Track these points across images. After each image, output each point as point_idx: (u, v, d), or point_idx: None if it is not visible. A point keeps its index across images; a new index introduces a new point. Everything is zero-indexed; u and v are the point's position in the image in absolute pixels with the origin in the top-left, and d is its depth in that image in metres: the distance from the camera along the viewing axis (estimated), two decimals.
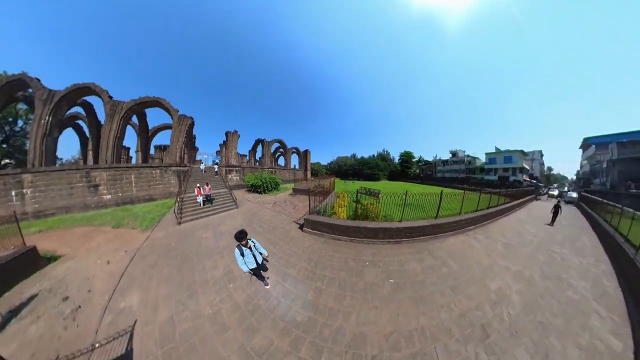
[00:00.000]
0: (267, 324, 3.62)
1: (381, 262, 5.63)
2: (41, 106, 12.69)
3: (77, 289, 5.20)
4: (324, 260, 5.76)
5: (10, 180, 11.16)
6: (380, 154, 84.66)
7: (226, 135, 24.72)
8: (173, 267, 5.95)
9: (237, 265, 5.55)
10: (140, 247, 7.57)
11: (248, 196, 17.36)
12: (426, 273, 5.12)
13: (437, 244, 6.77)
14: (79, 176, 12.68)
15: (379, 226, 6.81)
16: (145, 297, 4.78)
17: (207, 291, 4.75)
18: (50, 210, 11.64)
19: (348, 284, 4.71)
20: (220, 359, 3.08)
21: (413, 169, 67.42)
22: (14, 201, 11.18)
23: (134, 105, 15.01)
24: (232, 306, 4.14)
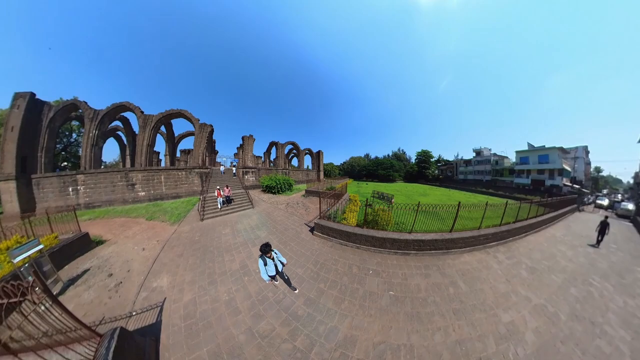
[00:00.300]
0: (272, 313, 4.04)
1: (384, 273, 5.36)
2: (89, 122, 15.62)
3: (119, 268, 6.10)
4: (329, 264, 5.79)
5: (68, 180, 14.11)
6: (396, 153, 79.13)
7: (242, 139, 26.27)
8: (197, 258, 6.63)
9: (252, 262, 6.12)
10: (169, 238, 8.48)
11: (263, 196, 17.82)
12: (430, 291, 4.71)
13: (449, 261, 6.03)
14: (119, 176, 15.08)
15: (386, 236, 6.41)
16: (173, 281, 5.46)
17: (225, 281, 5.31)
18: (97, 203, 14.29)
19: (349, 289, 4.72)
20: (230, 336, 3.61)
21: (431, 169, 60.81)
22: (70, 195, 14.10)
23: (162, 117, 17.30)
24: (245, 295, 4.64)
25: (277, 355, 3.22)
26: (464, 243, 6.61)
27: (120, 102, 16.37)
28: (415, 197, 22.53)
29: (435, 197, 25.09)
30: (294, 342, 3.41)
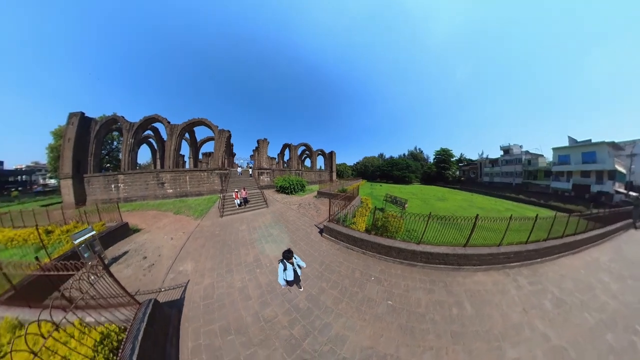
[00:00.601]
0: (277, 303, 4.47)
1: (386, 282, 5.18)
2: (126, 133, 18.54)
3: (151, 253, 7.02)
4: (333, 265, 5.90)
5: (111, 178, 17.06)
6: (412, 152, 73.20)
7: (258, 142, 27.65)
8: (216, 249, 7.34)
9: (265, 257, 6.59)
10: (193, 230, 9.42)
11: (277, 196, 18.36)
12: (430, 307, 4.35)
13: (459, 278, 5.37)
14: (151, 176, 17.52)
15: (393, 245, 6.13)
16: (196, 267, 6.17)
17: (240, 270, 5.89)
18: (133, 197, 17.02)
19: (348, 291, 4.80)
20: (240, 317, 4.14)
21: (452, 170, 54.45)
22: (112, 191, 17.05)
23: (185, 126, 19.65)
24: (256, 284, 5.15)
25: (275, 339, 3.60)
26: (479, 260, 5.80)
27: (151, 115, 18.81)
28: (432, 202, 20.73)
29: (455, 202, 22.48)
30: (292, 330, 3.78)
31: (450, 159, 55.43)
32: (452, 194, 30.35)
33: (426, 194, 28.28)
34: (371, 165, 64.88)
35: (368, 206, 12.48)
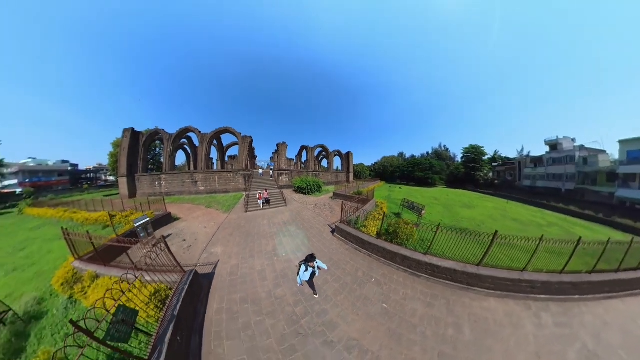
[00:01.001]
0: (287, 286, 5.19)
1: (386, 286, 5.16)
2: (166, 141, 21.91)
3: (189, 237, 8.30)
4: (340, 263, 6.22)
5: (155, 177, 20.59)
6: (436, 150, 64.83)
7: (277, 146, 29.30)
8: (241, 238, 8.38)
9: (282, 248, 7.34)
10: (222, 222, 10.72)
11: (295, 196, 19.00)
12: (425, 321, 4.10)
13: (466, 299, 4.73)
14: (187, 176, 20.45)
15: (398, 251, 5.96)
16: (225, 251, 7.21)
17: (260, 257, 6.76)
18: (172, 192, 20.30)
19: (348, 287, 5.09)
20: (256, 292, 4.99)
21: (483, 171, 45.50)
22: (156, 187, 20.65)
23: (213, 134, 22.45)
24: (272, 269, 5.97)
25: (280, 313, 4.31)
26: (494, 284, 4.96)
27: (185, 127, 22.07)
28: (455, 209, 17.63)
29: (484, 210, 18.37)
30: (295, 308, 4.42)
31: (482, 157, 46.36)
32: (482, 201, 25.32)
33: (451, 200, 24.35)
34: (390, 165, 59.68)
35: (382, 211, 11.65)
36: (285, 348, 3.50)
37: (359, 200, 11.78)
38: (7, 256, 8.18)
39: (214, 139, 23.49)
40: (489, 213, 17.19)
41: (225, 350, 3.52)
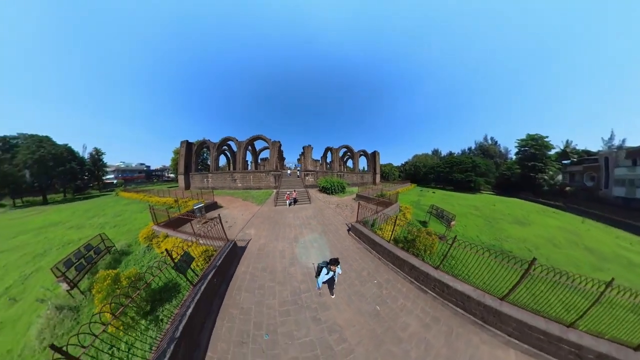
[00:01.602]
0: (300, 265, 6.23)
1: (386, 291, 4.97)
2: (212, 148, 26.82)
3: (230, 220, 10.32)
4: (349, 259, 6.51)
5: (204, 175, 25.47)
6: (481, 145, 51.31)
7: (303, 148, 31.53)
8: (270, 225, 9.88)
9: (302, 237, 8.38)
10: (256, 212, 12.62)
11: (319, 195, 19.96)
12: (414, 339, 3.69)
13: (475, 338, 3.76)
14: (228, 175, 24.55)
15: (406, 259, 5.53)
16: (257, 233, 8.76)
17: (283, 241, 8.00)
18: (217, 187, 24.47)
19: (349, 282, 5.32)
20: (274, 266, 6.15)
21: (548, 173, 31.80)
22: (204, 182, 25.36)
23: (248, 141, 26.78)
24: (290, 252, 7.11)
25: (288, 284, 5.24)
26: (519, 331, 3.60)
27: (226, 137, 26.82)
28: (501, 224, 13.13)
29: (544, 230, 12.86)
30: (300, 284, 5.24)
31: (546, 152, 32.01)
32: (543, 216, 17.32)
33: (497, 211, 17.71)
34: (423, 165, 51.36)
35: (405, 217, 10.94)
36: (283, 310, 4.31)
37: (379, 203, 11.82)
38: (110, 218, 13.61)
39: (248, 145, 27.52)
40: (550, 235, 11.84)
41: (241, 298, 4.70)
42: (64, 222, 13.82)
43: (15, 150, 23.89)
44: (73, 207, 19.75)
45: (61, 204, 22.95)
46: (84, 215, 15.50)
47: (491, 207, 19.15)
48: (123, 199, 21.54)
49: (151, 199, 16.86)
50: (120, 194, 24.84)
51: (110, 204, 19.72)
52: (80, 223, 13.18)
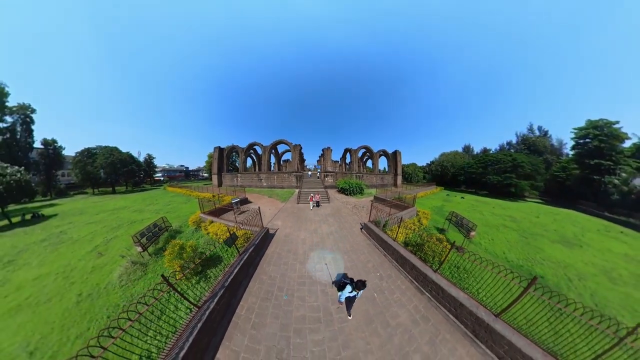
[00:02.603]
0: (317, 251, 7.39)
1: (386, 284, 5.33)
2: (240, 153, 30.20)
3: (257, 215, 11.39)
4: (358, 252, 7.26)
5: (234, 175, 28.48)
6: (526, 138, 40.74)
7: (323, 151, 32.80)
8: (294, 219, 11.19)
9: (320, 229, 9.46)
10: (281, 207, 14.19)
11: (337, 196, 20.81)
12: (400, 329, 3.92)
13: (461, 349, 3.61)
14: (255, 175, 27.19)
15: (408, 257, 5.65)
16: (282, 224, 10.13)
17: (304, 232, 9.22)
18: (245, 185, 27.27)
19: (355, 269, 6.10)
20: (297, 249, 7.50)
21: (620, 174, 22.93)
22: (234, 181, 28.43)
23: (271, 145, 29.56)
24: (310, 240, 8.33)
25: (307, 263, 6.42)
26: (510, 356, 3.25)
27: (253, 142, 29.66)
28: (541, 243, 10.82)
29: (601, 256, 10.00)
30: (316, 265, 6.37)
31: (616, 145, 23.27)
32: (606, 237, 13.01)
33: (540, 225, 14.42)
34: (451, 165, 43.97)
35: (421, 222, 10.59)
36: (300, 281, 5.46)
37: (394, 206, 12.14)
38: (163, 206, 17.26)
39: (272, 149, 30.06)
40: (609, 265, 9.03)
41: (270, 269, 6.00)
42: (129, 207, 17.49)
43: (95, 157, 31.19)
44: (134, 197, 24.49)
45: (125, 194, 28.58)
46: (143, 202, 19.36)
47: (533, 220, 15.64)
48: (169, 193, 25.98)
49: (193, 194, 20.18)
50: (167, 188, 29.78)
51: (160, 195, 24.10)
52: (141, 208, 16.68)
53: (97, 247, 9.03)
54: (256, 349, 3.51)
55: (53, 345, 4.42)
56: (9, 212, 15.48)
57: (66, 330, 4.78)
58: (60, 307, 5.46)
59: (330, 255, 6.88)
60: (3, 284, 6.63)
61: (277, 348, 3.53)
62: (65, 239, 10.20)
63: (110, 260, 7.75)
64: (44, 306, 5.58)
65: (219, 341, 3.62)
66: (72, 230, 11.52)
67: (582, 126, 25.08)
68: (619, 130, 22.99)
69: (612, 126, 23.23)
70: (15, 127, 26.75)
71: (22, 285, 6.54)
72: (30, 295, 6.03)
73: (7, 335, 4.70)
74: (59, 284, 6.44)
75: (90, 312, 5.27)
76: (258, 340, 3.67)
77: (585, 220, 17.46)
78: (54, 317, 5.16)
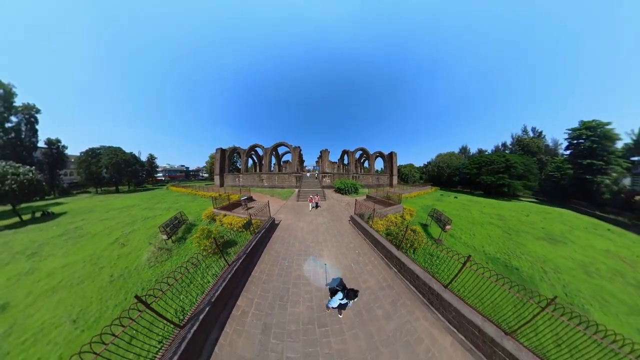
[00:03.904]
0: (313, 235, 9.03)
1: (362, 258, 6.74)
2: (242, 154, 31.31)
3: (265, 209, 12.57)
4: (343, 235, 8.95)
5: (236, 175, 29.64)
6: (519, 139, 42.91)
7: (321, 152, 34.21)
8: (294, 213, 12.71)
9: (316, 220, 10.97)
10: (282, 204, 15.64)
11: (334, 195, 22.75)
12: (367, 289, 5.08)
13: (418, 312, 4.25)
14: (256, 176, 28.37)
15: (380, 239, 6.94)
16: (284, 217, 11.64)
17: (302, 222, 10.83)
18: (246, 185, 28.38)
19: (340, 248, 7.56)
20: (296, 233, 9.26)
21: (611, 174, 24.39)
22: (236, 181, 29.57)
23: (272, 148, 30.78)
24: (307, 228, 10.11)
25: (303, 243, 8.09)
26: (457, 321, 3.87)
27: (254, 144, 31.00)
28: (524, 239, 11.38)
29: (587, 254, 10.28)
30: (310, 244, 7.98)
31: (608, 146, 24.14)
32: (593, 235, 13.66)
33: (528, 223, 14.94)
34: (447, 166, 45.72)
35: (404, 218, 11.73)
36: (297, 254, 7.08)
37: (381, 203, 14.15)
38: (171, 204, 18.24)
39: (273, 150, 31.37)
40: (589, 260, 9.49)
41: (276, 246, 7.65)
42: (137, 205, 18.45)
43: (99, 157, 31.87)
44: (139, 196, 25.36)
45: (128, 193, 29.47)
46: (150, 201, 20.25)
47: (522, 218, 16.14)
48: (174, 192, 26.75)
49: (198, 193, 21.25)
50: (171, 188, 30.62)
51: (165, 195, 24.93)
52: (150, 206, 17.63)
53: (118, 239, 9.98)
54: (265, 295, 4.87)
55: (94, 314, 5.35)
56: (19, 210, 16.21)
57: (104, 302, 5.69)
58: (95, 286, 6.35)
59: (321, 237, 8.65)
60: (33, 272, 7.47)
61: (279, 295, 4.90)
62: (83, 233, 11.09)
63: (134, 249, 8.83)
64: (78, 287, 6.46)
65: (239, 292, 4.96)
66: (87, 226, 12.38)
67: (575, 127, 26.54)
68: (611, 131, 24.16)
69: (604, 127, 24.39)
70: (20, 126, 27.01)
71: (52, 272, 7.38)
72: (62, 279, 6.89)
73: (47, 310, 5.55)
74: (89, 270, 7.36)
75: (124, 287, 6.29)
76: (267, 290, 5.06)
77: (575, 218, 17.99)
78: (90, 293, 6.08)
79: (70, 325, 5.01)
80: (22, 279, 7.00)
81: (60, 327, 4.95)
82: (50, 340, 4.62)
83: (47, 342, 4.56)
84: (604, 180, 23.67)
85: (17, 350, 4.37)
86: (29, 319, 5.22)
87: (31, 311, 5.47)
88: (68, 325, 4.99)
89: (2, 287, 6.53)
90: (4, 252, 8.96)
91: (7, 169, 14.24)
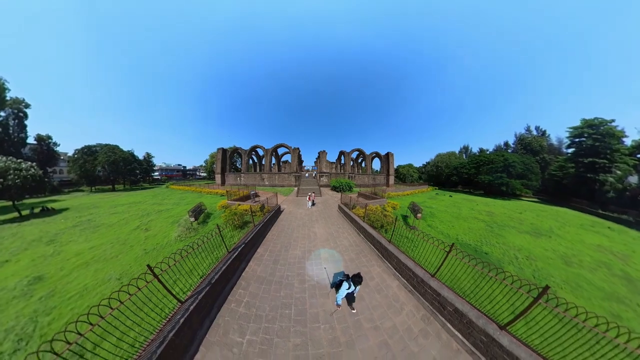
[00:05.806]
0: (308, 216, 11.57)
1: (341, 229, 8.97)
2: (243, 154, 32.34)
3: (271, 202, 13.97)
4: (332, 219, 10.89)
5: (237, 175, 30.34)
6: (522, 137, 40.80)
7: (318, 153, 36.20)
8: (294, 205, 14.60)
9: (312, 210, 13.47)
10: (284, 199, 17.32)
11: (329, 192, 24.48)
12: (342, 246, 7.13)
13: (372, 260, 6.10)
14: (257, 175, 29.50)
15: (355, 218, 9.12)
16: (287, 207, 13.48)
17: (301, 209, 13.15)
18: (248, 184, 29.03)
19: (329, 224, 9.91)
20: (296, 217, 11.54)
21: (615, 172, 23.43)
22: (237, 180, 30.32)
23: (273, 149, 32.15)
24: (305, 213, 12.47)
25: (301, 221, 10.52)
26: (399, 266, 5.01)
27: (255, 144, 32.17)
28: (506, 232, 11.66)
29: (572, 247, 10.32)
30: (307, 222, 10.34)
31: (611, 144, 23.07)
32: (586, 231, 13.47)
33: (517, 220, 14.76)
34: (446, 165, 44.76)
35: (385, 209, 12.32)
36: (297, 227, 9.32)
37: (365, 197, 16.92)
38: (179, 200, 19.15)
39: (273, 151, 32.72)
40: (573, 252, 9.47)
41: (282, 223, 9.98)
42: (144, 201, 19.33)
43: (96, 155, 31.64)
44: (141, 194, 25.92)
45: (125, 192, 29.63)
46: (154, 198, 21.09)
47: (514, 216, 15.84)
48: (176, 190, 27.24)
49: (204, 190, 22.44)
50: (171, 186, 31.17)
51: (168, 193, 25.48)
52: (158, 202, 18.63)
53: (139, 227, 11.05)
54: (274, 249, 6.67)
55: (136, 273, 6.32)
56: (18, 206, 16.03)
57: (143, 264, 6.73)
58: (130, 257, 7.42)
59: (314, 218, 10.82)
60: (59, 254, 8.13)
61: (285, 246, 6.93)
62: (98, 224, 11.82)
63: (159, 232, 10.20)
64: (111, 261, 7.31)
65: (259, 245, 6.83)
66: (99, 219, 13.13)
67: (577, 125, 25.80)
68: (614, 128, 23.35)
69: (607, 124, 23.58)
70: (8, 121, 25.34)
71: (80, 252, 8.10)
72: (94, 256, 7.68)
73: (86, 277, 6.35)
74: (119, 248, 8.24)
75: (160, 255, 7.78)
76: (275, 245, 7.02)
77: (574, 217, 17.38)
78: (128, 261, 7.21)
79: (115, 281, 6.17)
80: (49, 259, 7.65)
81: (107, 283, 6.10)
82: (98, 292, 5.69)
83: (94, 294, 5.62)
84: (608, 178, 22.70)
85: (64, 304, 5.25)
86: (69, 285, 6.05)
87: (69, 279, 6.31)
88: (114, 282, 6.12)
89: (29, 265, 7.15)
90: (17, 241, 9.42)
91: (9, 164, 14.12)
